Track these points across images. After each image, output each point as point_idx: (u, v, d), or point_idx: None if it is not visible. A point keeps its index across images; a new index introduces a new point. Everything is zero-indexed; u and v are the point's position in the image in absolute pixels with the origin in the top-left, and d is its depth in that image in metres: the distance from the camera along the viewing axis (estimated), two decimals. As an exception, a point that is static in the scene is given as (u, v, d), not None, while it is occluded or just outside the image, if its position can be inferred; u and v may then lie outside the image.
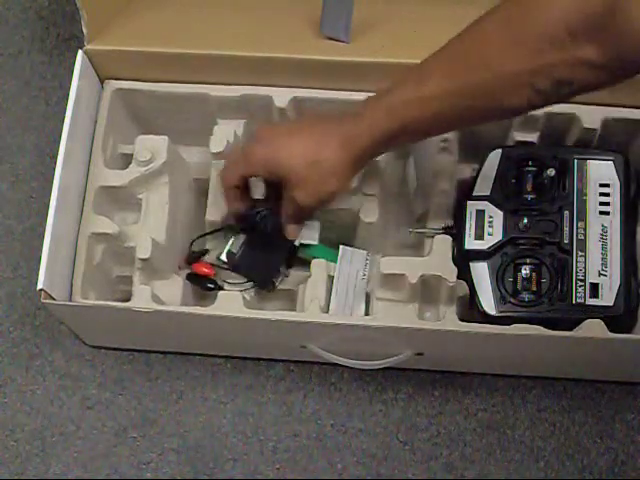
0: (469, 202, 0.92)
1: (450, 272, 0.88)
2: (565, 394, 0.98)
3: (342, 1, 0.90)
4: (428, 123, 0.77)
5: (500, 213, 0.91)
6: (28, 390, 1.00)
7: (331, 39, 0.92)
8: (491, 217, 0.90)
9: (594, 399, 0.98)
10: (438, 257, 0.89)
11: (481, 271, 0.89)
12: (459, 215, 0.92)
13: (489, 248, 0.90)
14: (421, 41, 0.92)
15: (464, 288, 0.90)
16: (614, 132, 0.94)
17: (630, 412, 0.97)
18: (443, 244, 0.90)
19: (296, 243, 0.92)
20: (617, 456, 0.96)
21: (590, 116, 0.92)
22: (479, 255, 0.90)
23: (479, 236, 0.90)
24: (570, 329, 0.86)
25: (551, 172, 0.89)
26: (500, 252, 0.90)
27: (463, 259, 0.90)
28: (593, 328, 0.85)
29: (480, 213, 0.91)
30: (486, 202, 0.91)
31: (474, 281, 0.89)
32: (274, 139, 0.83)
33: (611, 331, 0.85)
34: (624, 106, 0.92)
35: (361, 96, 0.93)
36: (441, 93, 0.74)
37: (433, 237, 0.91)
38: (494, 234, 0.90)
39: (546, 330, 0.84)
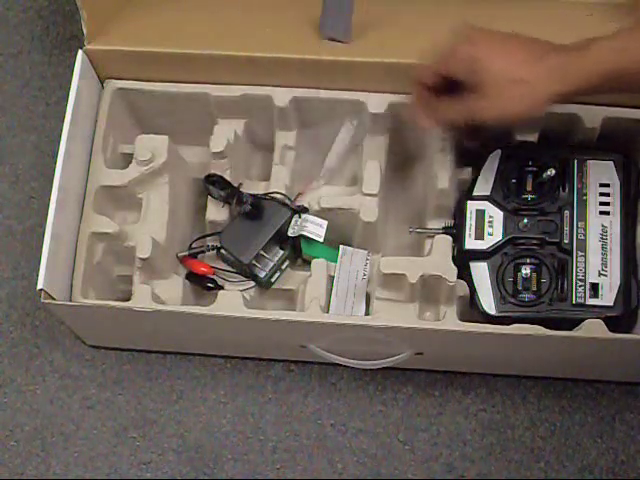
0: (469, 202, 0.92)
1: (450, 272, 0.88)
2: (565, 394, 0.98)
3: (342, 1, 0.90)
4: None
5: (500, 213, 0.91)
6: (28, 390, 1.00)
7: (331, 39, 0.92)
8: (491, 217, 0.90)
9: (594, 399, 0.98)
10: (438, 257, 0.89)
11: (481, 271, 0.90)
12: (459, 215, 0.92)
13: (489, 248, 0.90)
14: (421, 41, 0.92)
15: (464, 288, 0.90)
16: (614, 132, 0.94)
17: (630, 412, 0.97)
18: (443, 244, 0.90)
19: (302, 233, 0.92)
20: (617, 456, 0.96)
21: (590, 116, 0.92)
22: (479, 255, 0.90)
23: (479, 236, 0.90)
24: (570, 329, 0.86)
25: (551, 172, 0.89)
26: (500, 252, 0.90)
27: (463, 259, 0.90)
28: (593, 328, 0.85)
29: (480, 213, 0.91)
30: (486, 202, 0.91)
31: (474, 281, 0.89)
32: (488, 42, 0.80)
33: (611, 331, 0.85)
34: (624, 106, 0.92)
35: (361, 96, 0.94)
36: None
37: (433, 237, 0.91)
38: (494, 234, 0.90)
39: (546, 330, 0.84)
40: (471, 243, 0.90)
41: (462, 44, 0.81)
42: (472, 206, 0.91)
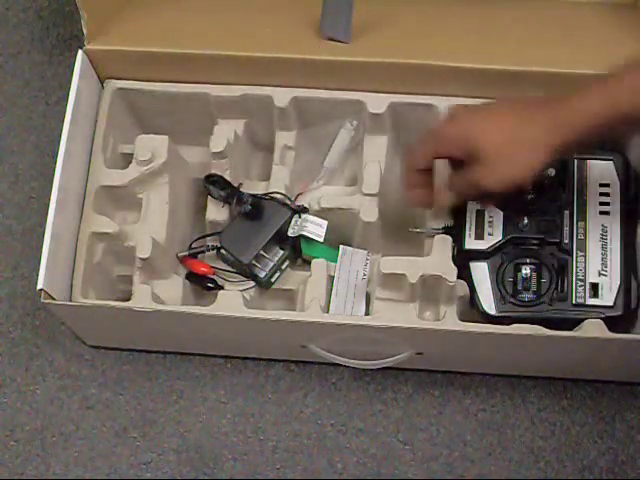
0: (469, 202, 0.92)
1: (450, 272, 0.88)
2: (565, 394, 0.98)
3: (342, 1, 0.90)
4: None
5: (500, 213, 0.90)
6: (28, 390, 1.00)
7: (331, 39, 0.93)
8: (491, 217, 0.90)
9: (594, 399, 0.98)
10: (438, 257, 0.89)
11: (481, 271, 0.89)
12: (459, 215, 0.92)
13: (489, 248, 0.90)
14: (421, 41, 0.92)
15: (464, 288, 0.90)
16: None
17: (630, 412, 0.97)
18: (443, 244, 0.90)
19: (302, 233, 0.92)
20: (617, 456, 0.96)
21: (590, 116, 0.92)
22: (479, 255, 0.90)
23: (479, 236, 0.90)
24: (570, 329, 0.86)
25: (551, 172, 0.89)
26: (500, 252, 0.90)
27: (463, 259, 0.90)
28: (593, 328, 0.85)
29: (480, 213, 0.91)
30: None
31: (474, 281, 0.89)
32: (471, 116, 0.81)
33: (611, 331, 0.84)
34: (624, 106, 0.92)
35: (361, 96, 0.94)
36: None
37: (433, 237, 0.91)
38: (494, 234, 0.90)
39: (546, 330, 0.84)
40: (471, 243, 0.90)
41: (449, 126, 0.82)
42: (472, 206, 0.91)
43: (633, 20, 0.94)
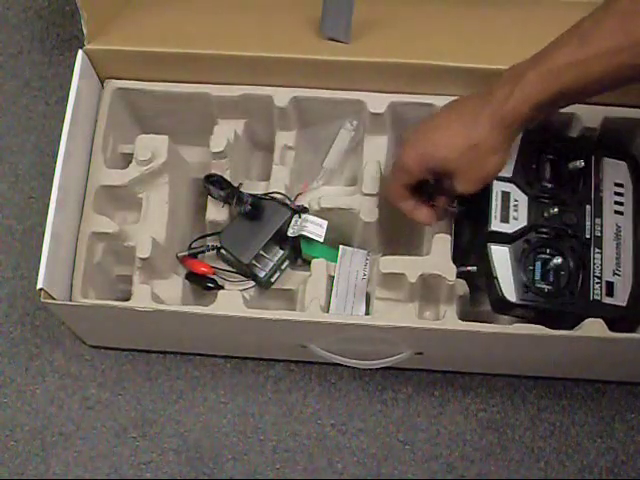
0: (494, 181, 0.88)
1: (450, 271, 0.87)
2: (565, 394, 0.98)
3: (342, 1, 0.90)
4: (590, 85, 0.73)
5: (525, 198, 0.88)
6: (28, 390, 1.00)
7: (331, 39, 0.93)
8: (516, 201, 0.87)
9: (594, 399, 0.98)
10: (438, 256, 0.89)
11: (502, 255, 0.87)
12: (482, 194, 0.86)
13: (514, 232, 0.87)
14: (421, 41, 0.92)
15: (464, 288, 0.90)
16: (614, 132, 0.93)
17: (630, 412, 0.97)
18: (442, 244, 0.90)
19: (302, 233, 0.92)
20: (617, 456, 0.96)
21: (590, 115, 0.92)
22: (502, 238, 0.87)
23: (504, 219, 0.87)
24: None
25: (580, 164, 0.87)
26: (523, 238, 0.87)
27: (483, 240, 0.87)
28: (593, 328, 0.85)
29: (505, 195, 0.88)
30: (511, 185, 0.88)
31: (494, 265, 0.86)
32: (423, 137, 0.81)
33: (618, 331, 0.84)
34: (624, 106, 0.92)
35: (361, 96, 0.94)
36: (607, 52, 0.70)
37: (453, 215, 0.90)
38: (519, 219, 0.87)
39: (546, 330, 0.84)
40: (496, 225, 0.87)
41: (407, 155, 0.82)
42: (497, 187, 0.88)
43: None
